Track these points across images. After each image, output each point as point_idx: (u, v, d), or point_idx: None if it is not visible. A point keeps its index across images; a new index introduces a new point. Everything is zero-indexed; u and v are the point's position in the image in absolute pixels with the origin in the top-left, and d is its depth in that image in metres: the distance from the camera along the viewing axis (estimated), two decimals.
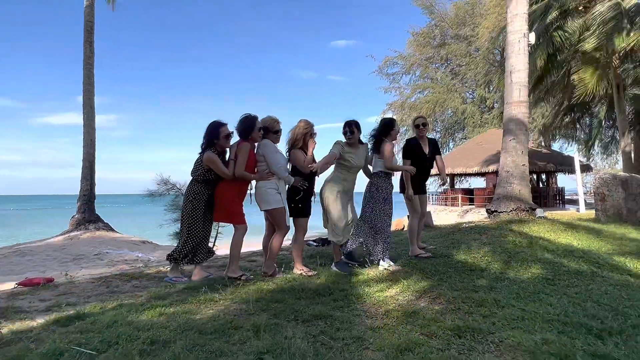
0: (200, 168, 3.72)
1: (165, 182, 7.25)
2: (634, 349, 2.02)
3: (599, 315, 2.52)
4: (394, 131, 4.16)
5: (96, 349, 2.08)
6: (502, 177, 7.39)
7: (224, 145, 3.77)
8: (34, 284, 3.95)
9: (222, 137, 3.73)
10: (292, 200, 3.89)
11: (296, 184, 3.81)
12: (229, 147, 3.82)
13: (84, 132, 12.70)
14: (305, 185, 3.84)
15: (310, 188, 3.95)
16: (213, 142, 3.73)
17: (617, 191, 7.94)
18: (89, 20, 12.86)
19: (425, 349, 2.02)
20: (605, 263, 4.12)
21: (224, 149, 3.80)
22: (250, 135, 3.72)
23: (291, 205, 3.89)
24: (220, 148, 3.77)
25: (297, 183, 3.81)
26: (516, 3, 7.39)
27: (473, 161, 17.64)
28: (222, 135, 3.73)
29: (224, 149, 3.80)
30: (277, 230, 3.81)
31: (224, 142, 3.76)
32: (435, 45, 24.98)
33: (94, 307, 2.94)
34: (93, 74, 12.91)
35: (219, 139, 3.73)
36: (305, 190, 3.89)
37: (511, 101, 7.39)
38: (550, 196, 17.67)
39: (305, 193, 3.91)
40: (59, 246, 10.14)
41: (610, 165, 27.83)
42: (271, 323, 2.41)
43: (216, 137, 3.73)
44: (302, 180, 3.82)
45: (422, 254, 4.44)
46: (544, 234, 5.65)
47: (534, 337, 2.17)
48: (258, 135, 3.77)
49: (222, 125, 3.75)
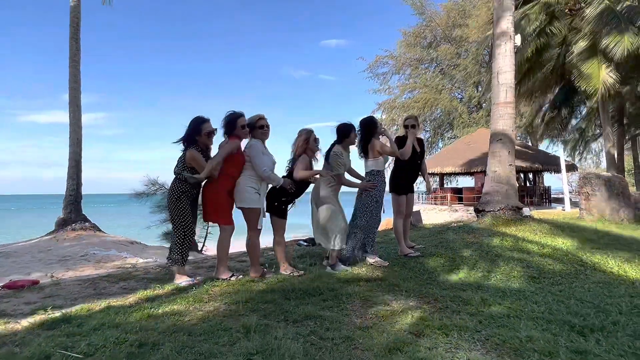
0: (182, 165, 3.60)
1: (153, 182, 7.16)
2: (614, 345, 2.08)
3: (582, 312, 2.58)
4: (377, 130, 4.18)
5: (83, 352, 2.06)
6: (490, 176, 7.50)
7: (206, 143, 3.65)
8: (18, 286, 3.87)
9: (203, 134, 3.60)
10: (277, 200, 3.85)
11: (285, 186, 3.78)
12: (220, 145, 3.71)
13: (70, 130, 12.46)
14: (294, 189, 3.83)
15: (299, 192, 3.96)
16: (195, 139, 3.61)
17: (601, 190, 8.13)
18: (75, 17, 12.59)
19: (413, 348, 2.05)
20: (589, 261, 4.23)
21: (207, 146, 3.69)
22: (233, 131, 3.64)
23: (274, 204, 3.86)
24: (203, 145, 3.65)
25: (286, 185, 3.78)
26: (502, 5, 7.50)
27: (462, 161, 17.85)
28: (203, 132, 3.60)
29: (207, 146, 3.68)
30: (249, 231, 3.75)
31: (205, 139, 3.63)
32: (425, 46, 25.20)
33: (81, 310, 2.89)
34: (79, 71, 12.64)
35: (201, 136, 3.61)
36: (293, 194, 3.89)
37: (498, 102, 7.50)
38: (537, 195, 17.99)
39: (293, 196, 3.92)
40: (45, 247, 9.94)
41: (595, 164, 28.47)
42: (261, 324, 2.41)
43: (197, 133, 3.60)
44: (291, 183, 3.80)
45: (411, 253, 4.49)
46: (530, 233, 5.75)
47: (519, 334, 2.21)
48: (242, 132, 3.68)
49: (204, 122, 3.63)
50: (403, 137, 4.62)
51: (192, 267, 4.45)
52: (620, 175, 9.09)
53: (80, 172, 12.67)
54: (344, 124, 4.03)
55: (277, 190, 3.85)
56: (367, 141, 4.12)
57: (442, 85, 24.56)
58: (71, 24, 12.60)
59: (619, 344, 2.09)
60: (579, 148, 24.42)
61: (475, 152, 17.52)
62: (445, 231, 6.09)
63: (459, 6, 23.87)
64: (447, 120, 24.91)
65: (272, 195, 3.88)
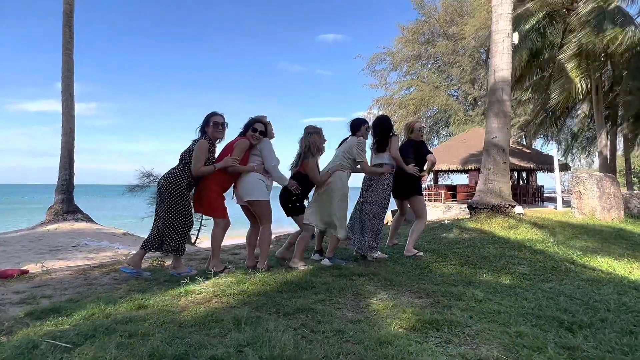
0: (190, 153, 3.64)
1: (147, 175, 7.09)
2: (602, 341, 2.11)
3: (571, 309, 2.61)
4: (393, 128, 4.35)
5: (72, 342, 2.03)
6: (484, 174, 7.55)
7: (213, 134, 3.72)
8: (7, 275, 3.83)
9: (211, 125, 3.70)
10: (289, 201, 3.92)
11: (290, 187, 3.83)
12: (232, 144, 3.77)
13: (62, 120, 12.29)
14: (299, 190, 3.85)
15: (307, 190, 4.01)
16: (204, 130, 3.73)
17: (592, 190, 8.22)
18: (69, 3, 12.39)
19: (404, 342, 2.06)
20: (579, 259, 4.28)
21: (215, 138, 3.75)
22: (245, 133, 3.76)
23: (289, 206, 3.93)
24: (213, 137, 3.73)
25: (292, 186, 3.82)
26: (500, 3, 7.49)
27: (456, 158, 17.93)
28: (211, 122, 3.71)
29: (215, 138, 3.75)
30: (263, 223, 3.76)
31: (212, 131, 3.71)
32: (423, 42, 25.15)
33: (71, 300, 2.87)
34: (73, 60, 12.45)
35: (208, 127, 3.71)
36: (303, 192, 3.94)
37: (494, 100, 7.52)
38: (530, 194, 18.15)
39: (302, 194, 3.96)
40: (36, 237, 9.84)
41: (587, 164, 28.75)
42: (252, 316, 2.41)
43: (206, 124, 3.73)
44: (296, 184, 3.84)
45: (417, 253, 4.40)
46: (521, 231, 5.81)
47: (509, 330, 2.23)
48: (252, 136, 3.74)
49: (214, 115, 3.75)
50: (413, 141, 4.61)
51: (185, 259, 4.43)
52: (612, 175, 9.18)
53: (73, 162, 12.53)
54: (356, 119, 4.22)
55: (286, 193, 3.91)
56: (388, 136, 4.23)
57: (439, 83, 24.57)
58: (64, 11, 12.38)
59: (607, 340, 2.12)
60: (572, 148, 24.66)
61: (470, 150, 17.60)
62: (438, 227, 6.13)
63: (457, 2, 23.83)
64: (443, 118, 24.96)
65: (284, 199, 3.94)
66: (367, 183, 4.23)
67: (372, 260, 4.07)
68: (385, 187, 4.16)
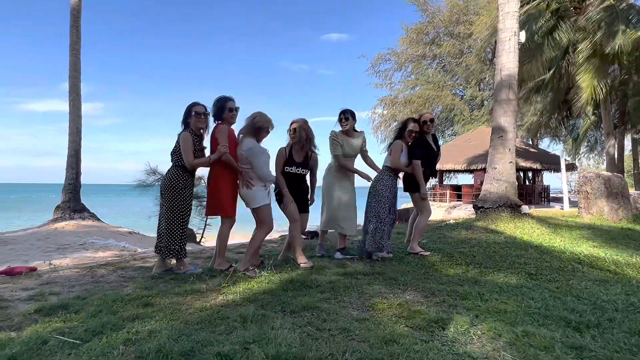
0: (177, 152, 3.58)
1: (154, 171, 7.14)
2: (609, 341, 2.09)
3: (578, 309, 2.59)
4: (406, 132, 4.23)
5: (80, 338, 2.06)
6: (490, 174, 7.49)
7: (196, 125, 3.62)
8: (16, 272, 3.87)
9: (193, 115, 3.59)
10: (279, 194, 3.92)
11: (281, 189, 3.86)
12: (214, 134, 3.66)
13: (69, 119, 12.40)
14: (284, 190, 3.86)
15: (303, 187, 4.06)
16: (187, 122, 3.63)
17: (600, 190, 8.13)
18: (76, 5, 12.49)
19: (409, 340, 2.05)
20: (586, 259, 4.23)
21: (199, 129, 3.66)
22: (222, 116, 3.65)
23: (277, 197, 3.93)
24: (195, 128, 3.63)
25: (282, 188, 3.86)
26: (507, 1, 7.43)
27: (462, 158, 17.84)
28: (193, 112, 3.60)
29: (198, 129, 3.65)
30: (261, 227, 3.74)
31: (194, 121, 3.60)
32: (427, 42, 25.04)
33: (78, 297, 2.90)
34: (79, 60, 12.55)
35: (191, 117, 3.60)
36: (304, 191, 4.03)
37: (500, 99, 7.47)
38: (536, 194, 18.01)
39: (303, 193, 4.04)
40: (43, 235, 9.93)
41: (595, 164, 28.47)
42: (258, 314, 2.42)
43: (188, 115, 3.62)
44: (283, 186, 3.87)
45: (422, 252, 4.39)
46: (528, 231, 5.76)
47: (515, 329, 2.22)
48: (230, 115, 3.67)
49: (195, 105, 3.64)
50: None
51: (190, 258, 4.46)
52: (620, 175, 9.08)
53: (80, 161, 12.64)
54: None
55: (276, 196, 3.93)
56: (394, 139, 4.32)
57: (444, 82, 24.45)
58: (72, 12, 12.49)
59: (615, 340, 2.10)
60: (579, 148, 24.41)
61: (475, 150, 17.51)
62: (443, 227, 6.10)
63: (463, 2, 23.68)
64: (448, 117, 24.84)
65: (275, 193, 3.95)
66: (374, 183, 4.24)
67: (377, 259, 4.07)
68: (390, 188, 4.15)
